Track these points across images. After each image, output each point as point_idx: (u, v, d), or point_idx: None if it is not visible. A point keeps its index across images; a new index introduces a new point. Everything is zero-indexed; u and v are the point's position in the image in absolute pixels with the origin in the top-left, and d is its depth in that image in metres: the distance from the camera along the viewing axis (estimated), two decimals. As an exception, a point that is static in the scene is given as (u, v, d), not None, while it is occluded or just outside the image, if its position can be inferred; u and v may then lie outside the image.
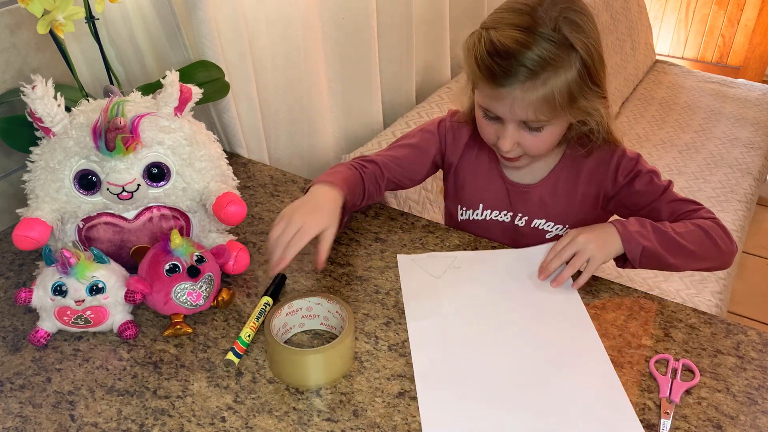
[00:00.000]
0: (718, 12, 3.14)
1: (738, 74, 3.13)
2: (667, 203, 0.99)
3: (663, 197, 0.99)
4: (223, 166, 0.94)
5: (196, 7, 1.10)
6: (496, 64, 0.86)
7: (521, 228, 1.06)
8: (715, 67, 3.21)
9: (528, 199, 1.05)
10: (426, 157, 1.08)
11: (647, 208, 1.00)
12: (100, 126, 0.81)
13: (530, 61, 0.85)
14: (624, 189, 1.01)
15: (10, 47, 0.98)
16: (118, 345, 0.84)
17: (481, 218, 1.08)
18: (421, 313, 0.87)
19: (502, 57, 0.86)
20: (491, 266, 0.95)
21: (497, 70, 0.86)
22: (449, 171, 1.10)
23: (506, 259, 0.96)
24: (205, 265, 0.85)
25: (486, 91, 0.91)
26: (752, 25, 3.08)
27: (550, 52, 0.85)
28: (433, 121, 1.11)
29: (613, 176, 1.00)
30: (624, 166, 1.00)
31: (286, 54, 1.38)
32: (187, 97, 0.89)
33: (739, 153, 2.18)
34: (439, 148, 1.09)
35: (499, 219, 1.07)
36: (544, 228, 1.06)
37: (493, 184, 1.07)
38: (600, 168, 1.01)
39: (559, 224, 1.05)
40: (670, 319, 0.88)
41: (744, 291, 2.16)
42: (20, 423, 0.73)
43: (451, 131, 1.08)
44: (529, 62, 0.85)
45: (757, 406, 0.76)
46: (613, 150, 1.00)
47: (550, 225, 1.05)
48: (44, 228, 0.82)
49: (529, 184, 1.05)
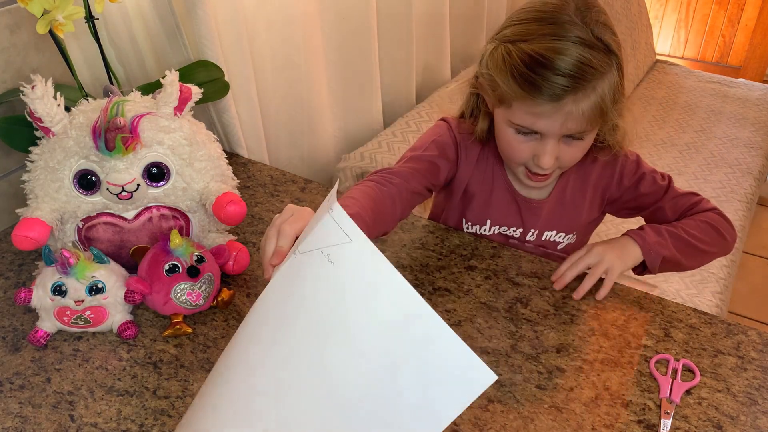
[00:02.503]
0: (719, 12, 3.14)
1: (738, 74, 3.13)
2: (670, 201, 0.99)
3: (666, 196, 0.99)
4: (222, 166, 0.94)
5: (196, 7, 1.10)
6: (541, 78, 0.80)
7: (531, 242, 1.05)
8: (715, 67, 3.20)
9: (539, 213, 1.02)
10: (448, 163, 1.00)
11: (651, 208, 1.00)
12: (99, 126, 0.81)
13: (577, 69, 0.79)
14: (628, 192, 1.00)
15: (9, 47, 0.98)
16: (117, 345, 0.84)
17: (488, 233, 1.05)
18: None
19: (548, 69, 0.80)
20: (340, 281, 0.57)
21: (544, 85, 0.80)
22: (457, 186, 1.03)
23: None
24: (204, 265, 0.85)
25: (528, 108, 0.84)
26: (752, 25, 3.08)
27: (595, 57, 0.80)
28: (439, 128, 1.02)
29: (618, 180, 1.00)
30: (628, 170, 0.99)
31: (286, 54, 1.38)
32: (186, 96, 0.89)
33: (739, 153, 2.18)
34: (455, 159, 1.00)
35: (508, 234, 1.05)
36: (555, 240, 1.04)
37: (503, 199, 1.02)
38: (605, 172, 1.00)
39: (570, 233, 1.04)
40: (670, 319, 0.88)
41: (744, 291, 2.16)
42: (20, 423, 0.73)
43: (464, 142, 1.00)
44: (577, 71, 0.79)
45: (757, 407, 0.76)
46: (616, 153, 0.98)
47: (561, 236, 1.04)
48: (44, 228, 0.82)
49: (539, 199, 1.01)
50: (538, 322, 0.87)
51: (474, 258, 0.99)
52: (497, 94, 0.87)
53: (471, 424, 0.73)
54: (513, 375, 0.79)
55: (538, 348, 0.83)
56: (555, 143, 0.87)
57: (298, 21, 1.36)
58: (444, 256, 0.99)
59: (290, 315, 0.57)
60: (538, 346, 0.83)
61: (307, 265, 0.56)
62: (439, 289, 0.92)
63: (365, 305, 0.53)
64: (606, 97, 0.83)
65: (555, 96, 0.81)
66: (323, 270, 0.54)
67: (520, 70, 0.82)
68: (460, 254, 0.99)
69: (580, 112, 0.82)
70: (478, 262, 0.98)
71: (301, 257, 0.56)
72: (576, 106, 0.82)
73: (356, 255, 0.53)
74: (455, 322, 0.87)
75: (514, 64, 0.83)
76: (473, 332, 0.85)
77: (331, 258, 0.54)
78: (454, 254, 0.99)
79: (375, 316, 0.52)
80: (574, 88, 0.80)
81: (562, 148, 0.88)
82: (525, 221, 1.03)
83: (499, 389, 0.78)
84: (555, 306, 0.90)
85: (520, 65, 0.82)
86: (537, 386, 0.78)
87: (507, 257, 0.99)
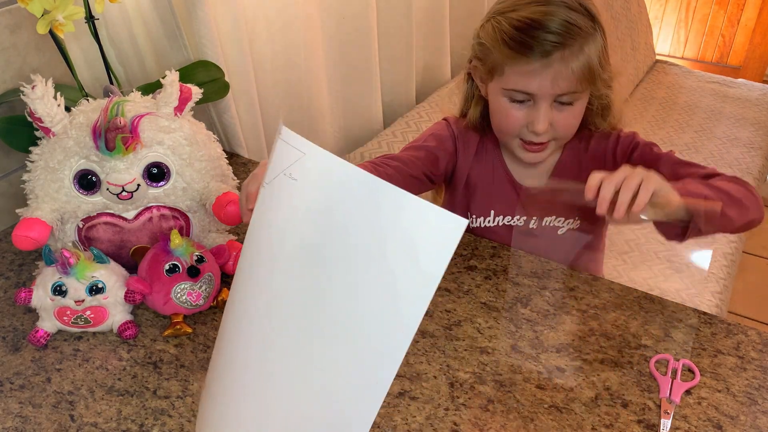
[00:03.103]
0: (718, 12, 3.14)
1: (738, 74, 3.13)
2: (669, 165, 0.92)
3: (663, 160, 0.93)
4: (223, 166, 0.94)
5: (196, 7, 1.10)
6: (531, 37, 0.86)
7: (534, 230, 1.05)
8: (715, 67, 3.20)
9: (538, 200, 1.04)
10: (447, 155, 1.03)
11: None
12: (100, 126, 0.81)
13: (564, 28, 0.85)
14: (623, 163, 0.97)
15: (9, 47, 0.98)
16: (117, 345, 0.84)
17: (493, 225, 1.07)
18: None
19: (537, 29, 0.85)
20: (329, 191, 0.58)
21: (534, 43, 0.85)
22: (459, 180, 1.06)
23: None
24: (205, 265, 0.85)
25: (520, 68, 0.88)
26: (752, 25, 3.08)
27: (580, 19, 0.86)
28: (438, 126, 1.07)
29: (612, 156, 1.00)
30: (622, 143, 0.99)
31: (286, 54, 1.38)
32: (186, 97, 0.89)
33: (739, 153, 2.18)
34: (454, 152, 1.05)
35: (512, 224, 1.06)
36: (555, 225, 1.05)
37: (504, 189, 1.05)
38: (598, 153, 1.01)
39: (570, 218, 1.04)
40: (670, 319, 0.88)
41: (744, 291, 2.16)
42: (20, 423, 0.73)
43: (462, 136, 1.05)
44: (564, 30, 0.85)
45: (757, 406, 0.76)
46: (608, 135, 1.00)
47: (560, 221, 1.05)
48: (44, 228, 0.82)
49: (538, 186, 1.04)
50: (538, 322, 0.87)
51: (474, 258, 0.99)
52: (489, 65, 0.92)
53: (471, 424, 0.73)
54: (513, 375, 0.79)
55: (538, 348, 0.83)
56: (548, 107, 0.90)
57: (298, 21, 1.36)
58: (444, 256, 0.99)
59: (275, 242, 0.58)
60: (538, 346, 0.83)
61: (276, 192, 0.57)
62: (439, 289, 0.92)
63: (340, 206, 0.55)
64: (593, 61, 0.87)
65: (545, 52, 0.86)
66: (291, 189, 0.56)
67: (511, 35, 0.87)
68: (460, 254, 0.99)
69: (570, 71, 0.87)
70: (478, 262, 0.98)
71: (268, 187, 0.58)
72: (565, 65, 0.86)
73: (313, 164, 0.55)
74: (455, 322, 0.87)
75: (504, 30, 0.88)
76: (473, 332, 0.85)
77: (294, 176, 0.56)
78: (454, 254, 0.99)
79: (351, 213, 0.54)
80: (562, 44, 0.85)
81: (554, 114, 0.91)
82: (526, 208, 1.04)
83: (499, 389, 0.78)
84: (555, 306, 0.90)
85: (511, 30, 0.88)
86: (537, 386, 0.78)
87: (507, 257, 0.99)
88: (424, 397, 0.76)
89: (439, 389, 0.78)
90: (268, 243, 0.58)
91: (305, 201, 0.56)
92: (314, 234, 0.55)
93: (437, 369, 0.80)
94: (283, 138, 0.56)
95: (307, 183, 0.56)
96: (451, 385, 0.78)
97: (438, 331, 0.85)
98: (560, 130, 0.94)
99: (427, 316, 0.87)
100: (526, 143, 0.96)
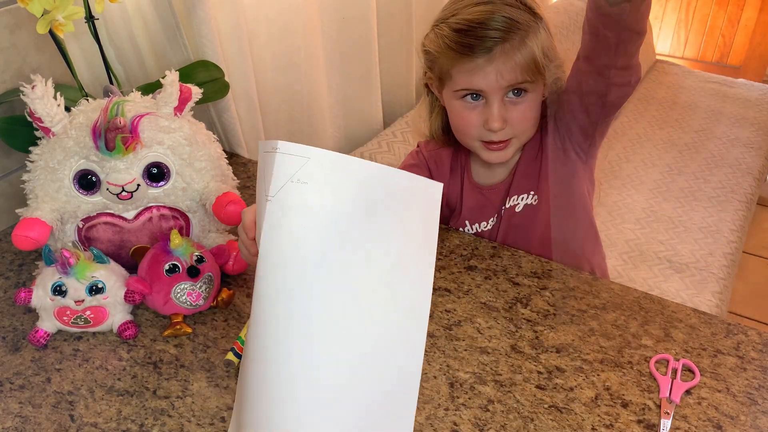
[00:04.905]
0: (718, 12, 3.14)
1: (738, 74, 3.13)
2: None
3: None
4: (223, 166, 0.94)
5: (195, 6, 1.10)
6: (471, 37, 0.87)
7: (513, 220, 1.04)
8: (715, 67, 3.20)
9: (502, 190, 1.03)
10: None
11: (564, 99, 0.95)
12: (99, 126, 0.81)
13: (504, 24, 0.87)
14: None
15: (9, 47, 0.98)
16: (117, 345, 0.84)
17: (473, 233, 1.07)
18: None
19: (477, 28, 0.87)
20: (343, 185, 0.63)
21: (475, 42, 0.87)
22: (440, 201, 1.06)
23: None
24: (204, 265, 0.85)
25: (466, 67, 0.90)
26: (752, 25, 3.08)
27: (519, 14, 0.88)
28: (410, 156, 1.09)
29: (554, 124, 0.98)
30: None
31: (286, 54, 1.38)
32: (186, 96, 0.89)
33: (739, 153, 2.18)
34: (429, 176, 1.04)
35: (488, 229, 1.06)
36: (512, 204, 1.03)
37: (471, 197, 1.05)
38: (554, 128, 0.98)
39: (527, 192, 1.02)
40: (670, 319, 0.88)
41: (744, 291, 2.16)
42: (20, 423, 0.73)
43: (432, 159, 1.06)
44: (504, 26, 0.86)
45: (757, 407, 0.76)
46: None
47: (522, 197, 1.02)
48: (44, 228, 0.82)
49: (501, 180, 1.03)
50: (538, 322, 0.87)
51: (474, 258, 0.99)
52: (438, 72, 0.93)
53: (471, 424, 0.73)
54: (513, 375, 0.79)
55: (538, 348, 0.83)
56: (500, 103, 0.91)
57: (298, 21, 1.36)
58: (444, 256, 0.99)
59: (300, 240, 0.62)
60: (538, 346, 0.83)
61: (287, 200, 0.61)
62: (439, 289, 0.92)
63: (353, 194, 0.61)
64: (536, 52, 0.88)
65: (487, 48, 0.87)
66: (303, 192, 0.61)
67: (453, 38, 0.89)
68: (460, 254, 0.99)
69: (513, 63, 0.88)
70: (478, 262, 0.98)
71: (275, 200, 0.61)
72: (508, 58, 0.87)
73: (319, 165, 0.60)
74: (455, 322, 0.87)
75: (446, 35, 0.90)
76: (473, 332, 0.85)
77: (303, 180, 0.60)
78: (454, 254, 0.99)
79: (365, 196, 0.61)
80: (503, 39, 0.87)
81: (508, 108, 0.92)
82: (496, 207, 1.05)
83: (499, 389, 0.78)
84: (555, 306, 0.90)
85: (452, 34, 0.89)
86: (537, 386, 0.78)
87: (507, 257, 0.99)
88: (424, 397, 0.76)
89: (439, 389, 0.78)
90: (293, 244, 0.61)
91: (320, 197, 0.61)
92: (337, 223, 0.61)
93: (437, 369, 0.80)
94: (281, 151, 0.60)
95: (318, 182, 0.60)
96: (451, 385, 0.78)
97: (438, 331, 0.85)
98: (517, 125, 0.93)
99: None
100: (487, 143, 0.96)
